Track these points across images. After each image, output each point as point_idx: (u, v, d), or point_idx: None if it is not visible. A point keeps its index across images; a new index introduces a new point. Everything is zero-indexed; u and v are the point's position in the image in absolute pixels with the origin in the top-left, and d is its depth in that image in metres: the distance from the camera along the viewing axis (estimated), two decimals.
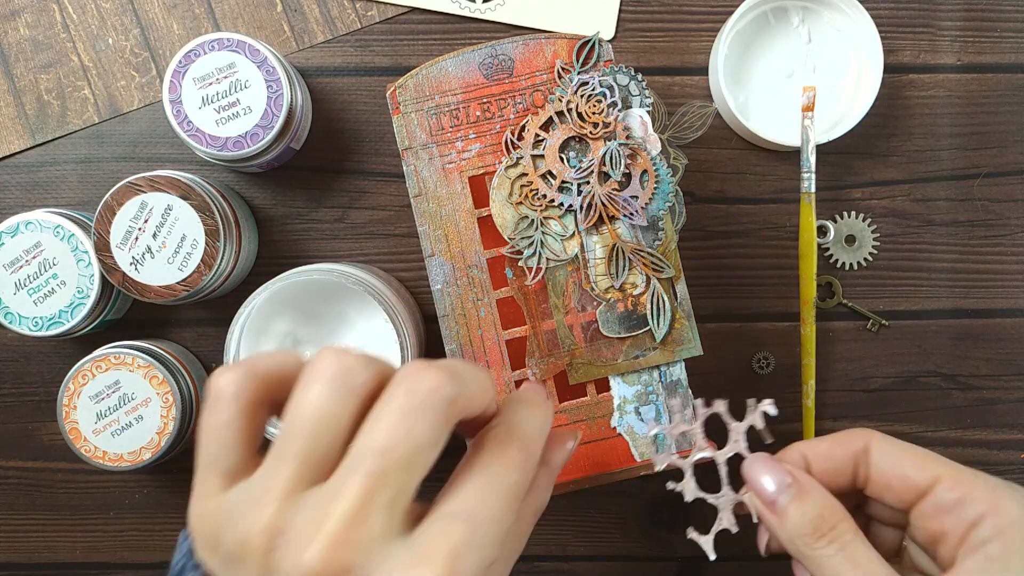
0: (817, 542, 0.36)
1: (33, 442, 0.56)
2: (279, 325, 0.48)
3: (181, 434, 0.51)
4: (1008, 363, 0.56)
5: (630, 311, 0.43)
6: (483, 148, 0.43)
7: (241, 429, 0.30)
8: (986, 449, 0.56)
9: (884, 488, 0.38)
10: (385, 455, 0.28)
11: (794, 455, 0.39)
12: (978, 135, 0.56)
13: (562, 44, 0.43)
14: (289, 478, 0.29)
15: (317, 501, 0.28)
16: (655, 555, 0.57)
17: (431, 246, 0.43)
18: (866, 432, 0.39)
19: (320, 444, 0.29)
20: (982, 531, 0.35)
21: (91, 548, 0.56)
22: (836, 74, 0.55)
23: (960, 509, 0.35)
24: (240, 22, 0.55)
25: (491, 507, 0.30)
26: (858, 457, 0.38)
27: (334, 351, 0.30)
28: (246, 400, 0.31)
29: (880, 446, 0.38)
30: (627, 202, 0.43)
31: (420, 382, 0.29)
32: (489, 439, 0.32)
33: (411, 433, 0.28)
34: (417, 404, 0.29)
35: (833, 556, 0.35)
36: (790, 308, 0.56)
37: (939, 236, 0.56)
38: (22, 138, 0.55)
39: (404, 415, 0.29)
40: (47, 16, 0.55)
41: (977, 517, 0.35)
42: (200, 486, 0.31)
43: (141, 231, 0.48)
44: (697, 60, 0.55)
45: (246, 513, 0.29)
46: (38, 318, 0.50)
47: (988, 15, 0.56)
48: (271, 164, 0.53)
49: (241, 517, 0.29)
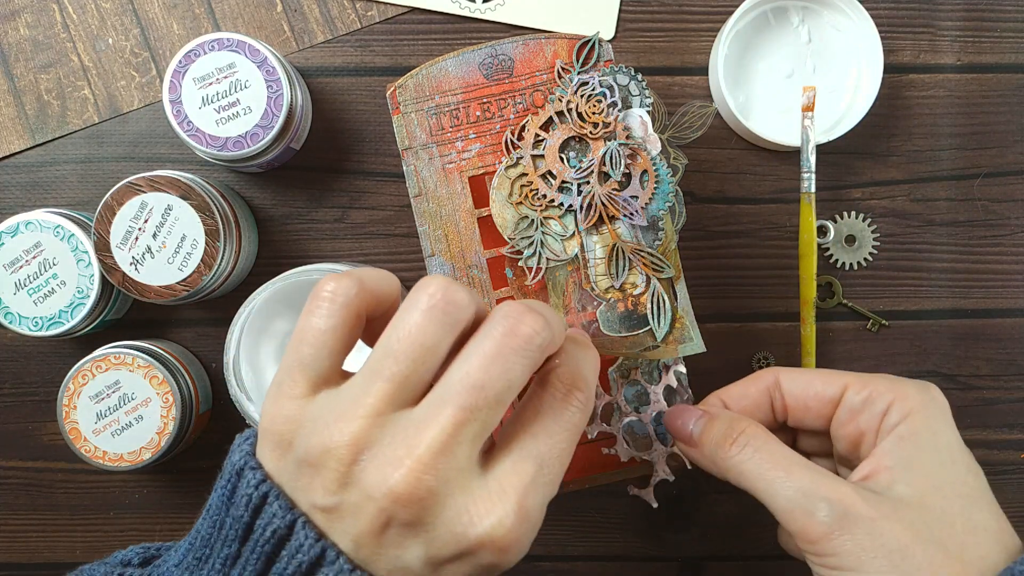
0: (731, 448, 0.37)
1: (33, 442, 0.56)
2: (279, 325, 0.48)
3: (181, 434, 0.51)
4: (1008, 363, 0.56)
5: (630, 311, 0.43)
6: (483, 148, 0.43)
7: (341, 337, 0.31)
8: (986, 449, 0.56)
9: (802, 411, 0.40)
10: (480, 391, 0.29)
11: (712, 400, 0.42)
12: (978, 135, 0.56)
13: (562, 44, 0.43)
14: (382, 397, 0.29)
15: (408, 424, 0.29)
16: (655, 555, 0.57)
17: (431, 246, 0.43)
18: (773, 368, 0.41)
19: (417, 370, 0.30)
20: (891, 417, 0.37)
21: (91, 548, 0.56)
22: (836, 74, 0.55)
23: (869, 406, 0.38)
24: (240, 22, 0.55)
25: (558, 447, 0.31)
26: (771, 391, 0.41)
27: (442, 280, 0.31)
28: (353, 310, 0.31)
29: (788, 374, 0.40)
30: (627, 202, 0.43)
31: (522, 324, 0.30)
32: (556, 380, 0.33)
33: (506, 373, 0.30)
34: (516, 346, 0.30)
35: (749, 459, 0.37)
36: (790, 308, 0.56)
37: (939, 236, 0.56)
38: (22, 138, 0.55)
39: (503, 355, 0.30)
40: (47, 16, 0.55)
41: (885, 407, 0.37)
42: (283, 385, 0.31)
43: (141, 231, 0.48)
44: (697, 60, 0.55)
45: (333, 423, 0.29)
46: (38, 318, 0.50)
47: (988, 15, 0.56)
48: (271, 164, 0.53)
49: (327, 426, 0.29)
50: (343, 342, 0.31)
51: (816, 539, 0.34)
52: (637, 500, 0.56)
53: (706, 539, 0.57)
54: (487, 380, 0.29)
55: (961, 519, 0.35)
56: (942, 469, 0.36)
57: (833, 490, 0.35)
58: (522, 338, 0.30)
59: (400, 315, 0.30)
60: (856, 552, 0.34)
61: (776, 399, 0.41)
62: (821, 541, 0.34)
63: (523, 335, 0.30)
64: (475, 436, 0.30)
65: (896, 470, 0.36)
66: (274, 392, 0.31)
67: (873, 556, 0.33)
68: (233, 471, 0.31)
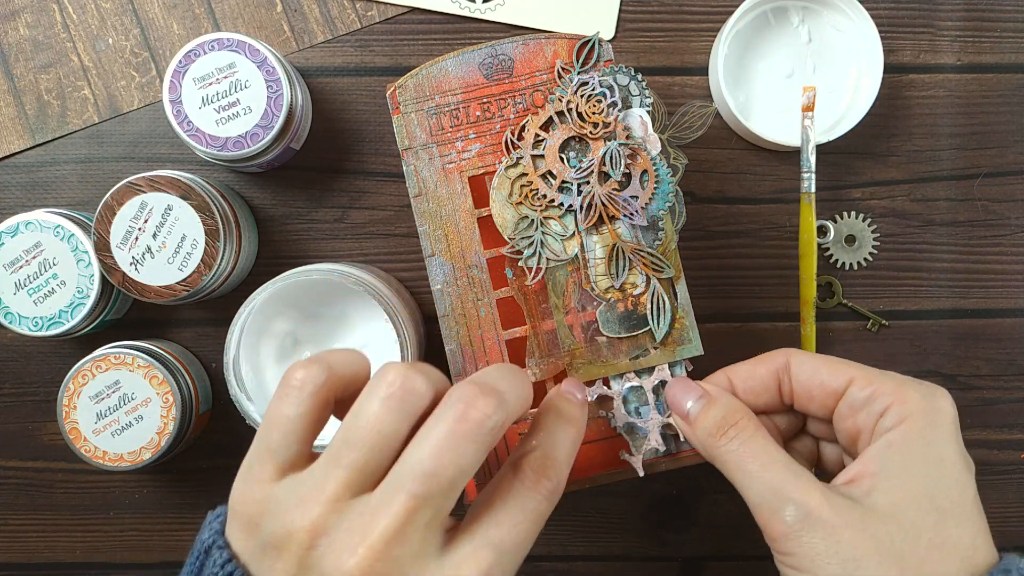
0: (720, 439, 0.38)
1: (33, 442, 0.56)
2: (279, 325, 0.48)
3: (181, 434, 0.51)
4: (1008, 363, 0.56)
5: (630, 311, 0.43)
6: (483, 148, 0.43)
7: (308, 424, 0.32)
8: (986, 449, 0.56)
9: (807, 399, 0.40)
10: (432, 478, 0.30)
11: (719, 377, 0.42)
12: (978, 135, 0.56)
13: (562, 44, 0.43)
14: (341, 484, 0.31)
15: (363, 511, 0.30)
16: (655, 555, 0.57)
17: (431, 246, 0.43)
18: (786, 349, 0.41)
19: (375, 457, 0.31)
20: (887, 420, 0.37)
21: (91, 548, 0.56)
22: (836, 74, 0.55)
23: (870, 404, 0.37)
24: (240, 22, 0.55)
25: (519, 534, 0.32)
26: (780, 373, 0.40)
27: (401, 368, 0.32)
28: (321, 398, 0.32)
29: (798, 358, 0.40)
30: (627, 202, 0.43)
31: (472, 409, 0.31)
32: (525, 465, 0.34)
33: (458, 460, 0.30)
34: (467, 431, 0.31)
35: (735, 450, 0.37)
36: (790, 308, 0.56)
37: (939, 236, 0.56)
38: (22, 138, 0.55)
39: (454, 442, 0.30)
40: (47, 16, 0.55)
41: (884, 408, 0.37)
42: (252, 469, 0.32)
43: (141, 231, 0.48)
44: (697, 60, 0.55)
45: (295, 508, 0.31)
46: (38, 318, 0.50)
47: (988, 15, 0.56)
48: (271, 164, 0.53)
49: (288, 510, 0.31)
50: (310, 429, 0.33)
51: (777, 537, 0.35)
52: (637, 500, 0.57)
53: (706, 539, 0.57)
54: (438, 467, 0.30)
55: (930, 533, 0.34)
56: (925, 480, 0.35)
57: (802, 492, 0.35)
58: (473, 423, 0.31)
59: (359, 403, 0.32)
60: (811, 555, 0.34)
61: (784, 382, 0.40)
62: (781, 539, 0.35)
63: (473, 420, 0.31)
64: (429, 521, 0.30)
65: (878, 477, 0.36)
66: (244, 474, 0.33)
67: (827, 562, 0.34)
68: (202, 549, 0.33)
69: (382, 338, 0.47)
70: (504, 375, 0.34)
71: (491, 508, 0.33)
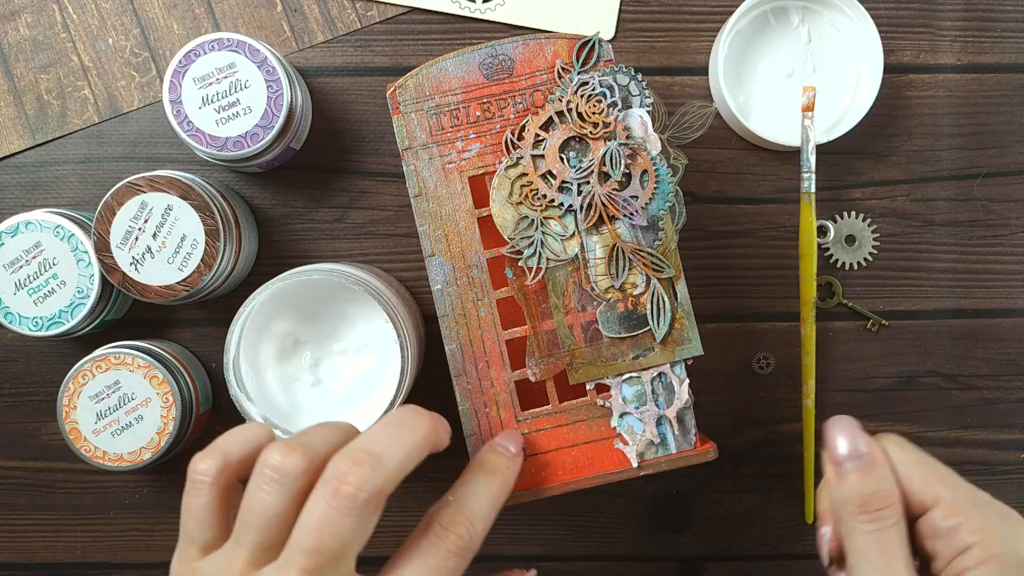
0: (861, 515, 0.37)
1: (33, 442, 0.56)
2: (279, 325, 0.48)
3: (181, 434, 0.51)
4: (1008, 363, 0.56)
5: (630, 311, 0.43)
6: (483, 148, 0.43)
7: (216, 510, 0.35)
8: (986, 449, 0.56)
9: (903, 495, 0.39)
10: (317, 554, 0.33)
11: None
12: (978, 135, 0.56)
13: (562, 44, 0.43)
14: (244, 561, 0.34)
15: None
16: (655, 555, 0.57)
17: (431, 246, 0.43)
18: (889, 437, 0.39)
19: (268, 536, 0.34)
20: (965, 559, 0.36)
21: (91, 548, 0.56)
22: (836, 74, 0.55)
23: (951, 536, 0.36)
24: (240, 22, 0.55)
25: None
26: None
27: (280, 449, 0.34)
28: (222, 485, 0.35)
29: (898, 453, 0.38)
30: (627, 202, 0.43)
31: (343, 486, 0.33)
32: (436, 521, 0.36)
33: (339, 534, 0.33)
34: (341, 507, 0.33)
35: (868, 533, 0.37)
36: (790, 308, 0.56)
37: (939, 236, 0.56)
38: (22, 138, 0.55)
39: (331, 518, 0.33)
40: (47, 16, 0.55)
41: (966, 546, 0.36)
42: (181, 552, 0.36)
43: (141, 231, 0.48)
44: (697, 60, 0.55)
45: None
46: (38, 318, 0.50)
47: (988, 15, 0.56)
48: (271, 164, 0.53)
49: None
50: (220, 512, 0.35)
51: None
52: (637, 500, 0.57)
53: (706, 539, 0.57)
54: (320, 544, 0.33)
55: None
56: None
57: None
58: (346, 498, 0.33)
59: (249, 488, 0.35)
60: None
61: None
62: None
63: (346, 496, 0.33)
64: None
65: None
66: (177, 555, 0.36)
67: None
68: None
69: (382, 338, 0.46)
70: (388, 431, 0.36)
71: (396, 566, 0.35)
